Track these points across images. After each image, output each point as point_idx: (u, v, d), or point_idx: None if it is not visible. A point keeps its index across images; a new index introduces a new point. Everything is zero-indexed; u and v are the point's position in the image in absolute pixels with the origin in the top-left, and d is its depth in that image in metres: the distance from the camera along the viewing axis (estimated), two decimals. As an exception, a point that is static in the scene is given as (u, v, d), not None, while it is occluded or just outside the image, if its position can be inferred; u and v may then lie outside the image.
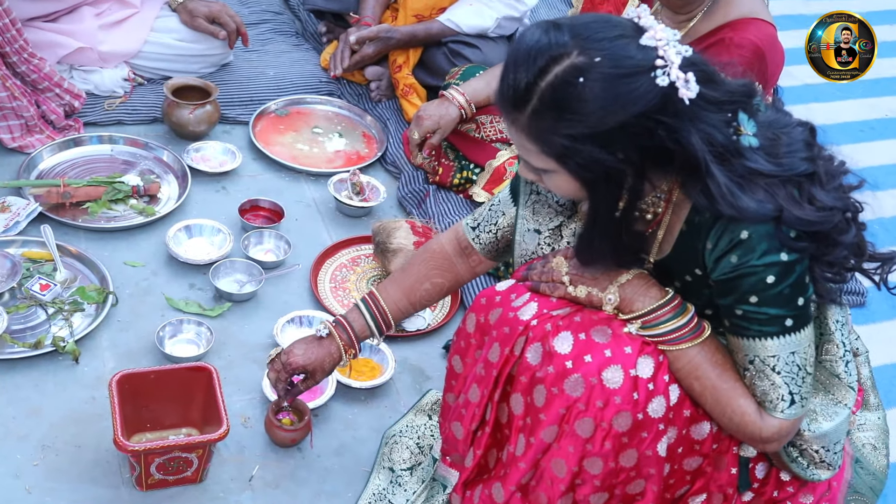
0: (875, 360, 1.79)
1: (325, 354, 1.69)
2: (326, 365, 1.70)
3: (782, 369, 1.39)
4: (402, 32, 2.76)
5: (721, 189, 1.29)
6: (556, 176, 1.35)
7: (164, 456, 1.67)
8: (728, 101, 1.32)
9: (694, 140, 1.28)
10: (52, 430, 1.82)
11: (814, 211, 1.32)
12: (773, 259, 1.32)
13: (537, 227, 1.59)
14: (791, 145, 1.36)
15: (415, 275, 1.72)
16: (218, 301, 2.16)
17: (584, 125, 1.26)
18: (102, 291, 2.08)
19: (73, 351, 1.94)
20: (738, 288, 1.36)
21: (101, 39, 2.59)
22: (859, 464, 1.66)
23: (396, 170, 2.65)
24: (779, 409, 1.41)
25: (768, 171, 1.32)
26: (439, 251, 1.72)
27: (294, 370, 1.69)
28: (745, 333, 1.39)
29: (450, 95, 2.48)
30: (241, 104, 2.77)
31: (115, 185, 2.35)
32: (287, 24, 3.18)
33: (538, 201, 1.59)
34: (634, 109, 1.25)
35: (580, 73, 1.25)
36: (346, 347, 1.69)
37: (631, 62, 1.26)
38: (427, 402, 1.95)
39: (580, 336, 1.41)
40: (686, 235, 1.41)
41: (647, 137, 1.28)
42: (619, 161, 1.29)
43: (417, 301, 1.73)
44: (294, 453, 1.86)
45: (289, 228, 2.38)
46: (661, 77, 1.25)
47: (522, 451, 1.46)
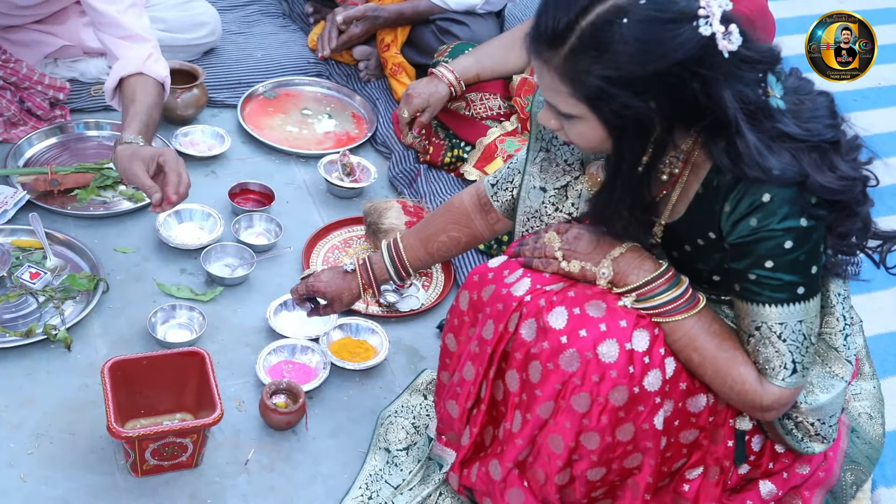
0: (869, 329, 1.79)
1: (346, 287, 1.84)
2: (345, 297, 1.84)
3: (788, 337, 1.38)
4: (390, 11, 2.73)
5: (749, 149, 1.28)
6: (582, 123, 1.33)
7: (159, 441, 1.66)
8: (759, 61, 1.31)
9: (726, 95, 1.27)
10: (46, 418, 1.81)
11: (836, 179, 1.32)
12: (793, 224, 1.32)
13: (543, 184, 1.59)
14: (815, 111, 1.35)
15: (433, 226, 1.78)
16: (210, 285, 2.14)
17: (622, 68, 1.24)
18: (93, 278, 2.07)
19: (64, 339, 1.93)
20: (755, 252, 1.35)
21: (86, 37, 2.56)
22: (855, 433, 1.67)
23: (387, 150, 2.63)
24: (780, 377, 1.40)
25: (796, 133, 1.31)
26: (458, 205, 1.76)
27: (314, 293, 1.85)
28: (756, 299, 1.38)
29: (439, 73, 2.46)
30: (228, 87, 2.74)
31: (103, 172, 2.33)
32: (273, 6, 3.15)
33: (546, 159, 1.59)
34: (674, 57, 1.24)
35: (623, 13, 1.23)
36: (364, 286, 1.82)
37: (675, 7, 1.24)
38: (422, 382, 1.95)
39: (574, 311, 1.40)
40: (702, 198, 1.39)
41: (680, 88, 1.26)
42: (650, 110, 1.27)
43: (435, 251, 1.79)
44: (289, 436, 1.85)
45: (279, 211, 2.37)
46: (703, 26, 1.24)
47: (519, 427, 1.46)
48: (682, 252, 1.48)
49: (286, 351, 1.99)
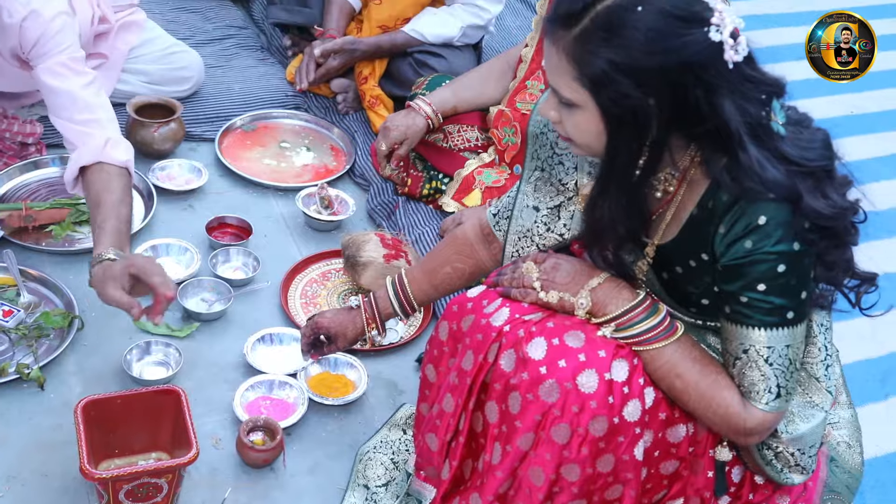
0: (848, 356, 1.80)
1: (350, 322, 1.84)
2: (349, 333, 1.85)
3: (775, 361, 1.38)
4: (367, 44, 2.75)
5: (751, 160, 1.30)
6: (580, 113, 1.34)
7: (133, 482, 1.63)
8: (766, 82, 1.34)
9: (727, 106, 1.28)
10: (18, 459, 1.77)
11: (827, 206, 1.33)
12: (787, 248, 1.33)
13: (536, 203, 1.60)
14: (812, 142, 1.37)
15: (437, 259, 1.78)
16: (186, 321, 2.12)
17: (628, 55, 1.26)
18: (67, 315, 2.04)
19: (38, 377, 1.90)
20: (748, 274, 1.35)
21: None
22: (834, 462, 1.66)
23: (365, 182, 2.62)
24: (763, 401, 1.40)
25: (794, 157, 1.33)
26: (461, 237, 1.76)
27: (318, 329, 1.87)
28: (746, 322, 1.38)
29: (416, 106, 2.47)
30: (206, 121, 2.74)
31: (78, 207, 2.31)
32: (252, 39, 3.16)
33: (541, 178, 1.60)
34: (680, 56, 1.26)
35: (640, 2, 1.26)
36: (368, 320, 1.82)
37: (691, 9, 1.27)
38: (401, 417, 1.93)
39: (553, 341, 1.40)
40: (697, 219, 1.39)
41: (682, 91, 1.28)
42: (649, 106, 1.28)
43: (440, 284, 1.78)
44: (267, 473, 1.83)
45: (257, 245, 2.35)
46: (714, 33, 1.26)
47: (499, 459, 1.45)
48: (672, 274, 1.48)
49: (264, 387, 1.97)
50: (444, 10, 2.79)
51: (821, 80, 3.57)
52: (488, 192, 2.42)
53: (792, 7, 4.09)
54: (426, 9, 2.80)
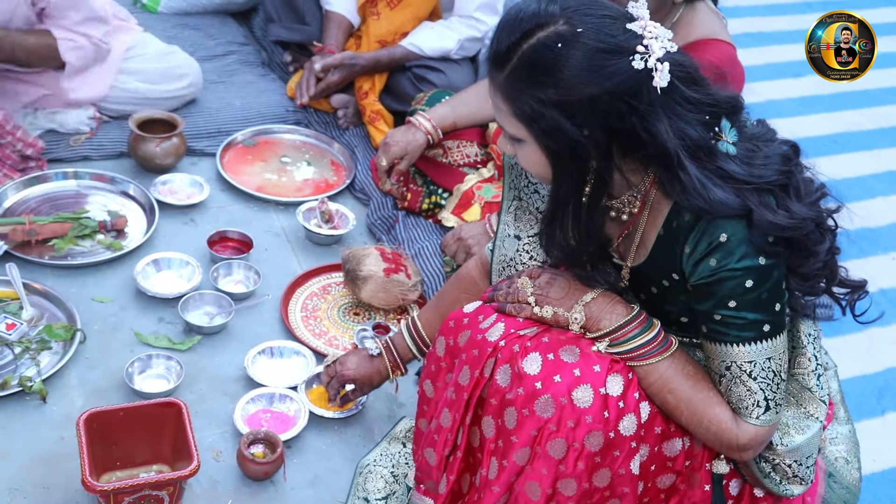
0: (844, 372, 1.81)
1: (374, 372, 1.87)
2: (375, 380, 1.88)
3: (758, 375, 1.40)
4: (366, 59, 2.78)
5: (692, 180, 1.32)
6: (526, 146, 1.38)
7: (134, 495, 1.64)
8: (708, 103, 1.35)
9: (662, 129, 1.31)
10: (21, 472, 1.78)
11: (786, 217, 1.34)
12: (752, 263, 1.34)
13: (518, 232, 1.62)
14: (768, 157, 1.38)
15: (446, 299, 1.80)
16: (188, 334, 2.14)
17: (555, 91, 1.30)
18: (70, 329, 2.06)
19: (40, 391, 1.91)
20: (717, 292, 1.37)
21: (66, 86, 2.58)
22: (832, 478, 1.67)
23: (365, 196, 2.65)
24: (754, 416, 1.41)
25: (738, 175, 1.34)
26: (466, 276, 1.79)
27: (344, 381, 1.89)
28: (723, 339, 1.40)
29: (416, 121, 2.49)
30: (208, 136, 2.76)
31: (81, 221, 2.33)
32: (253, 55, 3.19)
33: (520, 207, 1.62)
34: (606, 85, 1.28)
35: (561, 39, 1.29)
36: (392, 368, 1.86)
37: (613, 40, 1.30)
38: (401, 430, 1.94)
39: (549, 356, 1.41)
40: (663, 239, 1.41)
41: (616, 119, 1.31)
42: (583, 136, 1.31)
43: None
44: (267, 486, 1.84)
45: (258, 259, 2.37)
46: (637, 61, 1.29)
47: (496, 474, 1.46)
48: (649, 294, 1.50)
49: (264, 400, 1.98)
50: (441, 23, 2.82)
51: (818, 97, 3.62)
52: (487, 207, 2.44)
53: (790, 25, 4.13)
54: (423, 23, 2.84)
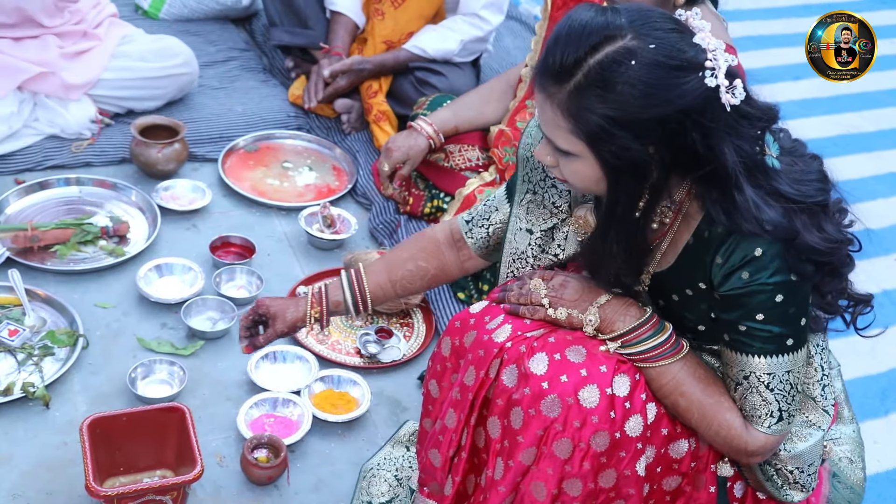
0: (847, 373, 1.81)
1: (292, 304, 1.74)
2: (289, 315, 1.73)
3: (776, 387, 1.40)
4: (374, 63, 2.80)
5: (747, 202, 1.29)
6: (578, 161, 1.33)
7: (138, 500, 1.63)
8: (759, 117, 1.33)
9: (727, 148, 1.28)
10: (23, 478, 1.78)
11: (822, 241, 1.33)
12: (784, 278, 1.33)
13: (530, 226, 1.59)
14: (808, 174, 1.37)
15: (402, 253, 1.73)
16: (190, 340, 2.14)
17: (625, 110, 1.25)
18: (73, 334, 2.06)
19: (43, 396, 1.91)
20: (747, 304, 1.36)
21: (64, 66, 2.59)
22: (836, 478, 1.67)
23: (367, 201, 2.65)
24: (765, 425, 1.41)
25: (790, 194, 1.32)
26: (430, 236, 1.74)
27: (257, 308, 1.76)
28: (746, 350, 1.40)
29: (418, 126, 2.50)
30: (209, 141, 2.76)
31: (83, 227, 2.33)
32: (254, 61, 3.19)
33: (533, 201, 1.59)
34: (678, 104, 1.25)
35: (632, 55, 1.24)
36: (313, 303, 1.72)
37: (683, 56, 1.26)
38: (404, 434, 1.94)
39: (555, 356, 1.41)
40: (693, 248, 1.40)
41: (681, 137, 1.27)
42: (648, 155, 1.28)
43: (398, 280, 1.72)
44: (271, 491, 1.84)
45: (261, 264, 2.37)
46: (709, 78, 1.26)
47: (501, 474, 1.45)
48: (668, 301, 1.49)
49: (268, 404, 1.98)
50: (443, 24, 2.84)
51: (818, 100, 3.63)
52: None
53: (789, 28, 4.14)
54: (426, 25, 2.85)
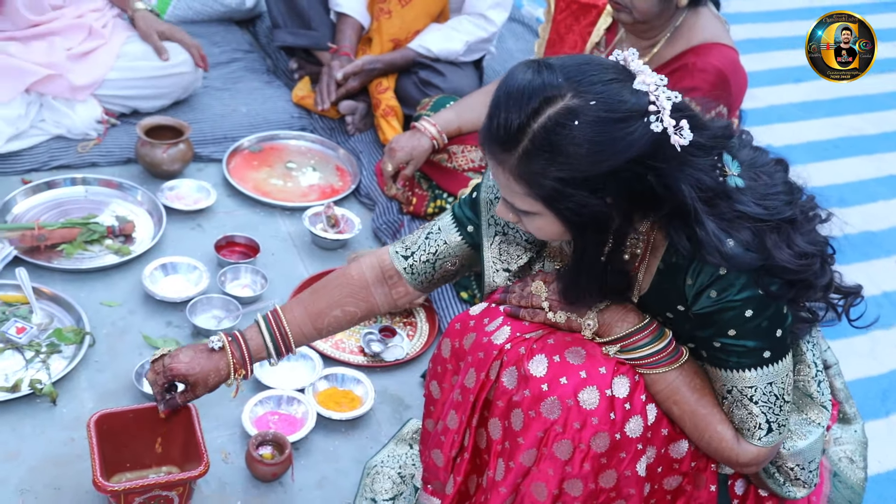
0: (848, 374, 1.82)
1: (212, 369, 1.59)
2: (210, 380, 1.60)
3: (759, 399, 1.41)
4: (384, 62, 2.85)
5: (709, 236, 1.29)
6: (540, 218, 1.35)
7: (145, 495, 1.65)
8: (713, 145, 1.33)
9: (683, 186, 1.28)
10: (31, 473, 1.80)
11: (794, 258, 1.33)
12: (752, 294, 1.34)
13: (506, 266, 1.59)
14: (773, 186, 1.37)
15: (326, 300, 1.63)
16: (196, 338, 2.16)
17: (576, 169, 1.26)
18: (79, 332, 2.08)
19: (50, 393, 1.93)
20: (717, 321, 1.37)
21: (70, 68, 2.61)
22: (837, 477, 1.68)
23: (370, 201, 2.67)
24: (756, 437, 1.43)
25: (755, 213, 1.32)
26: (357, 278, 1.65)
27: (174, 377, 1.59)
28: (724, 365, 1.41)
29: (422, 127, 2.51)
30: (214, 142, 2.78)
31: (89, 226, 2.35)
32: (258, 62, 3.21)
33: (504, 241, 1.59)
34: (627, 154, 1.25)
35: (575, 115, 1.24)
36: (236, 366, 1.59)
37: (625, 106, 1.25)
38: (408, 431, 1.95)
39: (554, 358, 1.42)
40: (664, 273, 1.42)
41: (636, 183, 1.28)
42: (607, 206, 1.29)
43: (324, 327, 1.64)
44: (276, 487, 1.86)
45: (265, 263, 2.39)
46: (654, 123, 1.25)
47: (502, 475, 1.47)
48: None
49: (272, 402, 2.00)
50: (449, 24, 2.88)
51: (819, 102, 3.64)
52: (492, 212, 2.45)
53: (790, 31, 4.15)
54: (431, 25, 2.88)
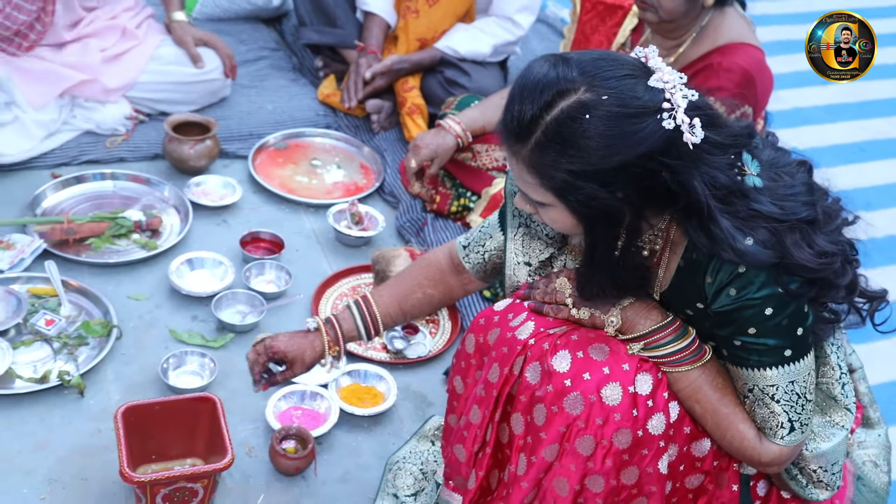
0: (873, 378, 1.80)
1: (308, 346, 1.69)
2: (307, 357, 1.69)
3: (781, 398, 1.41)
4: (411, 62, 2.86)
5: (722, 233, 1.30)
6: (554, 210, 1.36)
7: (170, 486, 1.68)
8: (731, 144, 1.33)
9: (696, 183, 1.28)
10: (59, 463, 1.83)
11: (814, 256, 1.33)
12: (771, 292, 1.34)
13: (527, 259, 1.61)
14: (793, 187, 1.37)
15: (408, 283, 1.75)
16: (220, 332, 2.18)
17: (587, 162, 1.27)
18: (107, 325, 2.11)
19: (78, 384, 1.96)
20: (737, 320, 1.37)
21: (103, 71, 2.65)
22: (861, 481, 1.67)
23: (394, 199, 2.68)
24: (778, 436, 1.42)
25: (771, 213, 1.32)
26: (434, 263, 1.75)
27: (274, 354, 1.69)
28: (745, 363, 1.41)
29: (446, 125, 2.52)
30: (240, 139, 2.81)
31: (117, 221, 2.38)
32: (284, 60, 3.24)
33: (527, 234, 1.61)
34: (638, 150, 1.26)
35: (587, 109, 1.26)
36: (330, 343, 1.69)
37: (638, 102, 1.27)
38: (430, 428, 1.96)
39: (578, 354, 1.43)
40: (684, 271, 1.42)
41: (648, 178, 1.29)
42: (618, 200, 1.30)
43: (409, 309, 1.74)
44: (298, 481, 1.87)
45: (289, 259, 2.41)
46: (667, 120, 1.26)
47: (524, 470, 1.48)
48: None
49: (296, 397, 2.02)
50: (476, 26, 2.88)
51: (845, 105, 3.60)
52: (515, 211, 2.46)
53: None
54: (457, 25, 2.89)
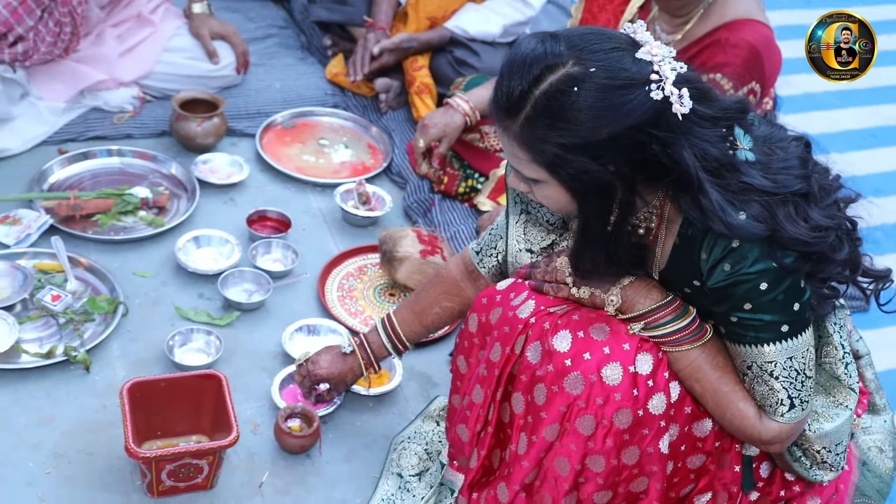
0: (880, 364, 1.80)
1: (348, 370, 1.85)
2: (348, 379, 1.86)
3: (780, 374, 1.40)
4: (420, 41, 2.84)
5: (712, 205, 1.30)
6: (547, 186, 1.37)
7: (175, 463, 1.69)
8: (722, 117, 1.33)
9: (686, 154, 1.29)
10: (65, 438, 1.84)
11: (808, 230, 1.33)
12: (766, 266, 1.33)
13: (529, 246, 1.62)
14: (786, 161, 1.37)
15: (425, 300, 1.80)
16: (227, 310, 2.18)
17: (576, 135, 1.28)
18: (113, 301, 2.11)
19: (84, 360, 1.97)
20: (733, 295, 1.37)
21: (119, 65, 2.64)
22: (866, 466, 1.67)
23: (402, 179, 2.67)
24: (778, 413, 1.42)
25: (762, 186, 1.32)
26: (447, 276, 1.79)
27: (318, 380, 1.85)
28: (742, 340, 1.41)
29: (454, 103, 2.51)
30: (247, 117, 2.80)
31: (124, 198, 2.38)
32: (292, 38, 3.22)
33: (529, 221, 1.61)
34: (627, 121, 1.27)
35: (575, 82, 1.27)
36: (366, 365, 1.84)
37: (625, 74, 1.27)
38: (434, 409, 1.97)
39: (579, 334, 1.43)
40: (679, 248, 1.41)
41: (638, 151, 1.29)
42: (609, 173, 1.30)
43: (430, 324, 1.82)
44: (303, 460, 1.88)
45: (296, 238, 2.41)
46: (655, 91, 1.27)
47: (525, 449, 1.48)
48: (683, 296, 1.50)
49: (300, 375, 2.02)
50: (487, 6, 2.86)
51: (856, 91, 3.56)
52: (523, 192, 2.45)
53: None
54: (467, 4, 2.87)
